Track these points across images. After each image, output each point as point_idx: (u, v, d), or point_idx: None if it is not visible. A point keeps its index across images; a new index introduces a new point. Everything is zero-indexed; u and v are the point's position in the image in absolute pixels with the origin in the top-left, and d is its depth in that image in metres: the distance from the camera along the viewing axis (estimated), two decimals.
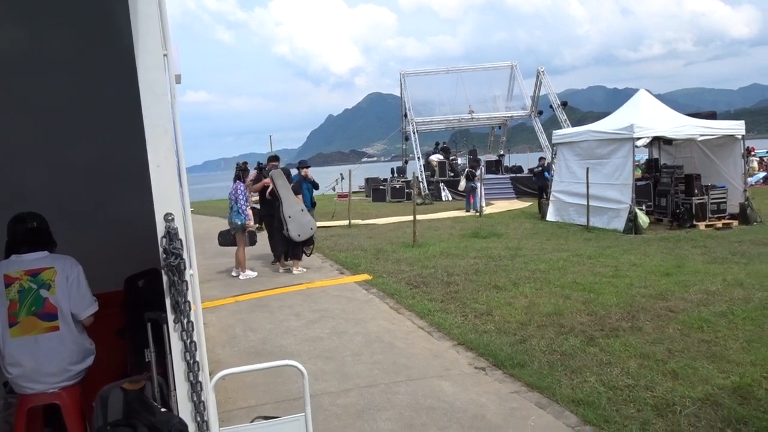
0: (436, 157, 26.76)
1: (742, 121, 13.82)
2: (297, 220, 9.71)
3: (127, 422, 2.74)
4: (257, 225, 10.93)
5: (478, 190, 18.93)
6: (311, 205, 11.13)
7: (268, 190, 10.13)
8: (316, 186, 11.58)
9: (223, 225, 11.42)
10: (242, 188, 9.70)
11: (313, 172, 11.39)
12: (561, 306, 6.93)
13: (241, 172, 10.14)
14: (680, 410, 4.12)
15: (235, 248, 10.02)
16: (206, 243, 12.37)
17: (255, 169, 11.06)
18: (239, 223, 9.57)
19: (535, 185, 20.25)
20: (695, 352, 5.22)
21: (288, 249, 10.13)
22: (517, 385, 4.84)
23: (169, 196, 2.41)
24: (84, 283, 3.17)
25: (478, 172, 19.65)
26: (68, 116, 4.04)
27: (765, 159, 28.11)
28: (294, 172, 10.95)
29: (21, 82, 3.92)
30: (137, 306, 3.30)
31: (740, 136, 13.58)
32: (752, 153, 26.34)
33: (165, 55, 2.41)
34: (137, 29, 2.35)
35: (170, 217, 2.40)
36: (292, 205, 9.78)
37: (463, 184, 20.99)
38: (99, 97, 3.94)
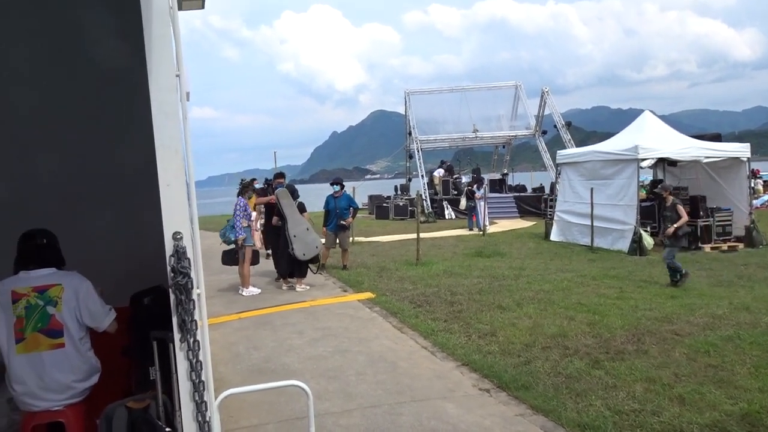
0: (438, 172, 26.72)
1: (748, 144, 13.82)
2: (302, 239, 9.71)
3: None
4: (267, 251, 10.85)
5: (480, 208, 18.89)
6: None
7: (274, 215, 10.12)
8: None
9: None
10: (242, 203, 9.66)
11: (315, 189, 11.48)
12: (565, 327, 6.89)
13: (243, 188, 10.15)
14: None
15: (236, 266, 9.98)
16: (209, 259, 12.33)
17: (264, 184, 11.08)
18: (232, 237, 9.44)
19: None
20: (702, 377, 5.17)
21: (293, 268, 10.11)
22: (522, 408, 4.80)
23: (178, 215, 2.42)
24: (95, 295, 3.19)
25: (480, 191, 19.63)
26: (76, 125, 3.98)
27: None
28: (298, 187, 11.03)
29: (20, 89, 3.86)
30: (142, 323, 3.29)
31: (745, 159, 13.59)
32: (757, 175, 26.29)
33: (177, 76, 2.43)
34: (151, 50, 2.38)
35: (179, 236, 2.40)
36: (297, 224, 9.78)
37: (463, 203, 20.92)
38: (114, 111, 3.92)
